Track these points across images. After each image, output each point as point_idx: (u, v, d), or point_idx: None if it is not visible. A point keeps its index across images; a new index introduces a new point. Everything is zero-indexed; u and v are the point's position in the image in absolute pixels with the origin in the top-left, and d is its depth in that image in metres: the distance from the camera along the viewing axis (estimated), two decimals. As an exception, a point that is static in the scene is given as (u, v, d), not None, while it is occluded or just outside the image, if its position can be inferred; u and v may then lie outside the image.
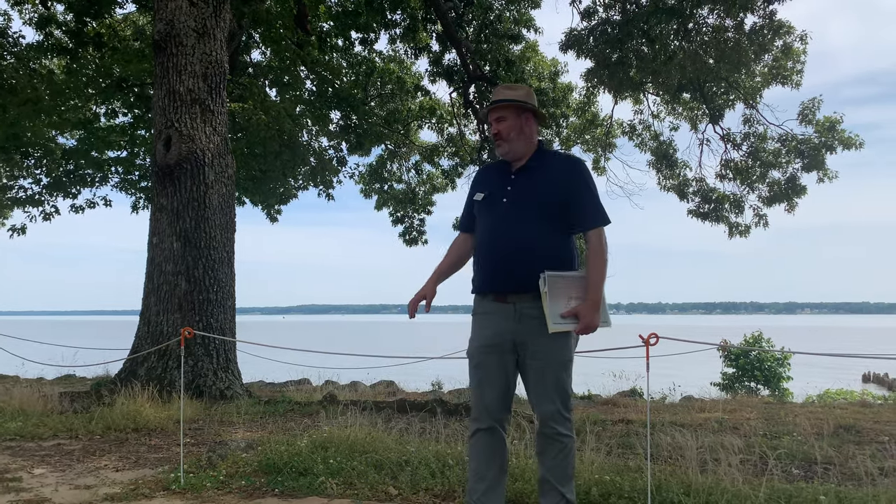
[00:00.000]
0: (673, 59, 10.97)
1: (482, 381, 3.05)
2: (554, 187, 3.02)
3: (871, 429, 6.09)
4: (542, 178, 3.06)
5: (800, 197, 14.11)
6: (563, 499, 2.96)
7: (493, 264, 3.04)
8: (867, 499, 3.36)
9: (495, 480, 3.03)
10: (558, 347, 2.96)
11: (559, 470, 2.97)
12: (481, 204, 3.15)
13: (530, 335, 2.95)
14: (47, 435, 5.58)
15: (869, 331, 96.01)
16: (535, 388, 2.97)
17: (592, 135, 16.58)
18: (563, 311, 2.90)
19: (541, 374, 2.95)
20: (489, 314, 3.05)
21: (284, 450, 4.42)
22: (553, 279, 2.91)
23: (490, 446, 3.04)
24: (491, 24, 14.36)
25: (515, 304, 2.97)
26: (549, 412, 2.94)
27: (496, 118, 3.13)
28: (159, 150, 8.04)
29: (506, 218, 3.03)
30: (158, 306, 7.88)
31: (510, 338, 2.99)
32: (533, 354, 2.96)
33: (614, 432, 5.81)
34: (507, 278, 2.98)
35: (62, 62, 14.06)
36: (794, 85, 13.41)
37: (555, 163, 3.13)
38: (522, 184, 3.07)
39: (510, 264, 2.98)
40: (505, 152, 3.13)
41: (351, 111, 15.59)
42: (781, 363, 16.49)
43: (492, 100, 3.19)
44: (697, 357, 9.00)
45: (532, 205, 3.01)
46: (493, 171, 3.25)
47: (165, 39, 8.09)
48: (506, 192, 3.08)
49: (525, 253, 2.96)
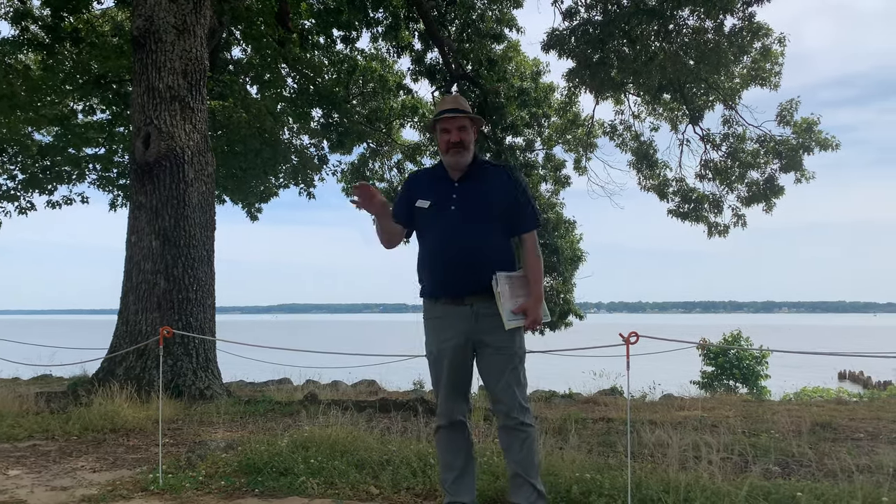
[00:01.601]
0: (653, 60, 11.05)
1: (444, 382, 3.21)
2: (499, 194, 3.20)
3: (846, 426, 6.17)
4: (486, 185, 3.22)
5: (778, 197, 14.27)
6: (535, 490, 3.11)
7: (447, 269, 3.16)
8: (843, 495, 3.40)
9: (463, 469, 3.24)
10: (515, 342, 3.16)
11: (527, 461, 3.12)
12: (427, 212, 3.25)
13: (488, 333, 3.12)
14: (23, 436, 5.50)
15: (845, 329, 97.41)
16: (497, 382, 3.14)
17: (574, 135, 16.65)
18: (513, 308, 3.10)
19: (501, 368, 3.13)
20: (444, 317, 3.20)
21: (265, 450, 4.39)
22: (503, 279, 3.10)
23: (454, 440, 3.25)
24: (473, 23, 14.36)
25: (472, 305, 3.14)
26: (512, 403, 3.11)
27: (459, 126, 3.22)
28: (138, 147, 7.95)
29: (456, 225, 3.17)
30: (137, 305, 7.79)
31: (467, 337, 3.15)
32: (494, 350, 3.13)
33: (595, 430, 5.83)
34: (465, 281, 3.14)
35: (38, 57, 13.83)
36: (773, 86, 13.57)
37: (493, 171, 3.28)
38: (468, 192, 3.22)
39: (466, 268, 3.13)
40: (458, 161, 3.24)
41: (332, 109, 15.54)
42: (759, 361, 16.70)
43: (448, 108, 3.25)
44: (677, 356, 9.07)
45: (482, 211, 3.17)
46: (431, 180, 3.34)
47: (144, 35, 8.00)
48: (452, 201, 3.22)
49: (480, 256, 3.13)
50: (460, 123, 3.22)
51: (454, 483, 3.21)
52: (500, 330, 3.10)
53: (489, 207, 3.17)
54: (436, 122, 3.27)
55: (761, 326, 67.76)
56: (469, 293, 3.13)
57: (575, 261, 16.09)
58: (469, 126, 3.24)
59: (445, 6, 14.09)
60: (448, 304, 3.18)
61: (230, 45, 15.00)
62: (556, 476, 3.69)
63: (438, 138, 3.28)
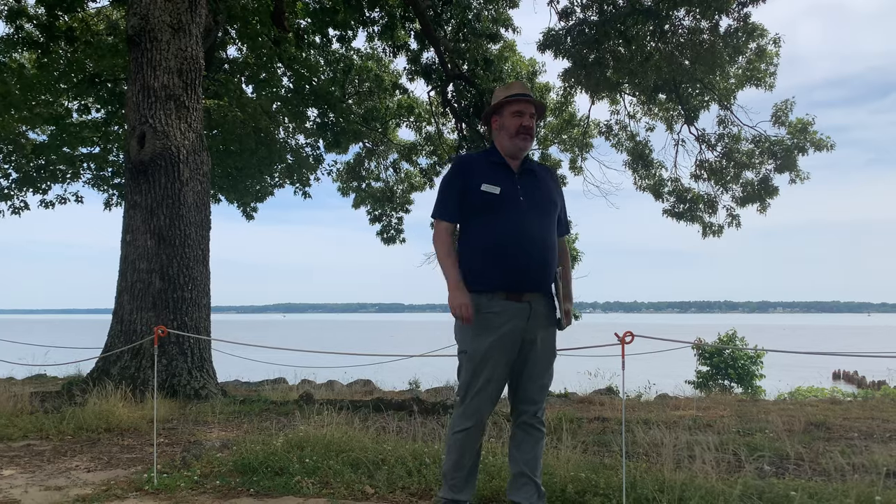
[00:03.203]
0: (649, 60, 11.07)
1: (490, 379, 3.02)
2: (555, 193, 3.21)
3: (840, 425, 6.20)
4: (544, 183, 3.19)
5: (772, 197, 14.32)
6: (537, 490, 3.12)
7: (518, 263, 3.00)
8: (837, 494, 3.41)
9: (472, 468, 3.19)
10: (554, 341, 3.19)
11: (535, 461, 3.13)
12: (495, 198, 3.05)
13: (539, 331, 3.07)
14: (17, 435, 5.48)
15: (839, 329, 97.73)
16: (536, 382, 3.11)
17: (569, 135, 16.68)
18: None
19: (544, 368, 3.12)
20: (502, 312, 3.00)
21: (260, 449, 4.39)
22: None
23: (476, 441, 3.14)
24: (469, 22, 14.36)
25: (531, 303, 3.05)
26: (542, 404, 3.15)
27: (531, 113, 3.15)
28: (133, 146, 7.93)
29: (529, 218, 3.04)
30: (132, 304, 7.78)
31: (521, 335, 3.03)
32: (542, 350, 3.10)
33: (590, 430, 5.85)
34: (534, 277, 3.04)
35: (33, 56, 13.79)
36: (768, 87, 13.62)
37: (543, 170, 3.30)
38: (530, 185, 3.13)
39: (539, 264, 3.04)
40: (525, 148, 3.16)
41: (328, 109, 15.52)
42: (754, 361, 16.74)
43: (520, 92, 3.18)
44: (672, 355, 9.09)
45: (549, 208, 3.15)
46: (491, 166, 3.15)
47: (139, 34, 7.98)
48: (518, 192, 3.08)
49: (550, 254, 3.09)
50: (531, 111, 3.16)
51: (462, 481, 3.15)
52: (552, 329, 3.12)
53: (554, 206, 3.17)
54: (506, 103, 3.14)
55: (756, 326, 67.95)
56: (533, 289, 3.04)
57: (570, 261, 16.10)
58: (533, 113, 3.19)
59: (441, 6, 14.10)
60: (505, 300, 3.00)
61: (226, 44, 14.98)
62: (552, 475, 3.69)
63: (507, 122, 3.13)
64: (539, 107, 3.23)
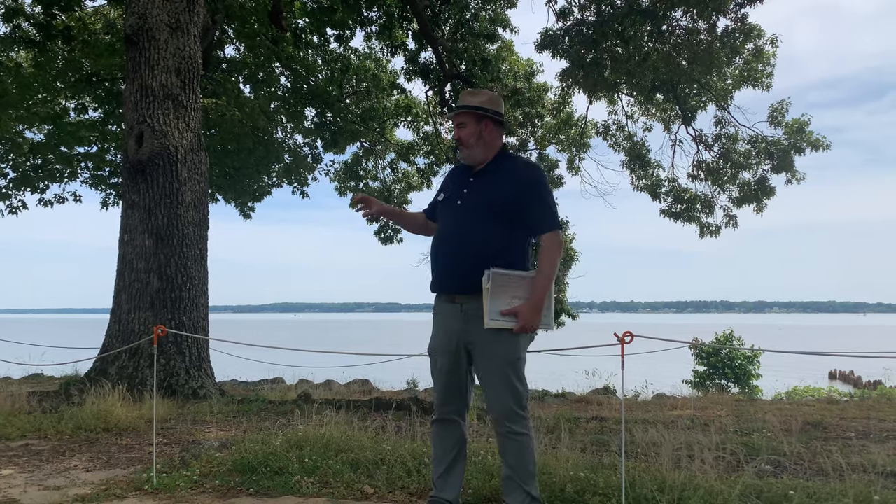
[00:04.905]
0: (647, 61, 11.09)
1: (437, 379, 3.22)
2: (507, 189, 3.09)
3: (837, 425, 6.22)
4: (496, 180, 3.14)
5: (769, 198, 14.33)
6: (527, 496, 3.05)
7: (442, 265, 3.15)
8: (835, 493, 3.43)
9: (452, 464, 3.23)
10: (504, 346, 3.01)
11: (521, 468, 3.04)
12: (441, 205, 3.28)
13: (476, 335, 3.03)
14: (15, 435, 5.47)
15: (835, 329, 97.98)
16: (486, 388, 3.07)
17: (567, 135, 16.67)
18: (503, 308, 2.96)
19: (490, 373, 3.04)
20: (442, 315, 3.18)
21: (259, 449, 4.39)
22: (497, 276, 2.96)
23: (446, 436, 3.24)
24: (467, 22, 14.36)
25: (462, 305, 3.08)
26: (503, 411, 3.03)
27: (458, 124, 3.23)
28: (131, 145, 7.93)
29: (457, 219, 3.15)
30: (130, 304, 7.77)
31: (458, 338, 3.09)
32: (480, 354, 3.06)
33: (588, 429, 5.86)
34: (454, 278, 3.10)
35: (30, 55, 13.76)
36: (765, 87, 13.64)
37: (512, 166, 3.20)
38: (477, 187, 3.17)
39: (457, 264, 3.08)
40: (465, 157, 3.25)
41: (326, 108, 15.51)
42: (751, 361, 16.78)
43: (455, 105, 3.30)
44: (669, 355, 9.11)
45: (482, 206, 3.09)
46: (457, 174, 3.36)
47: (137, 34, 7.97)
48: (461, 195, 3.19)
49: (472, 253, 3.04)
50: (458, 120, 3.23)
51: (440, 478, 3.22)
52: (489, 332, 2.97)
53: (490, 202, 3.07)
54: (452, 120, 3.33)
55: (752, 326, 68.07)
56: (458, 290, 3.08)
57: (568, 261, 16.10)
58: (472, 122, 3.18)
59: (439, 6, 14.09)
60: (444, 302, 3.16)
61: (223, 43, 14.96)
62: (550, 475, 3.70)
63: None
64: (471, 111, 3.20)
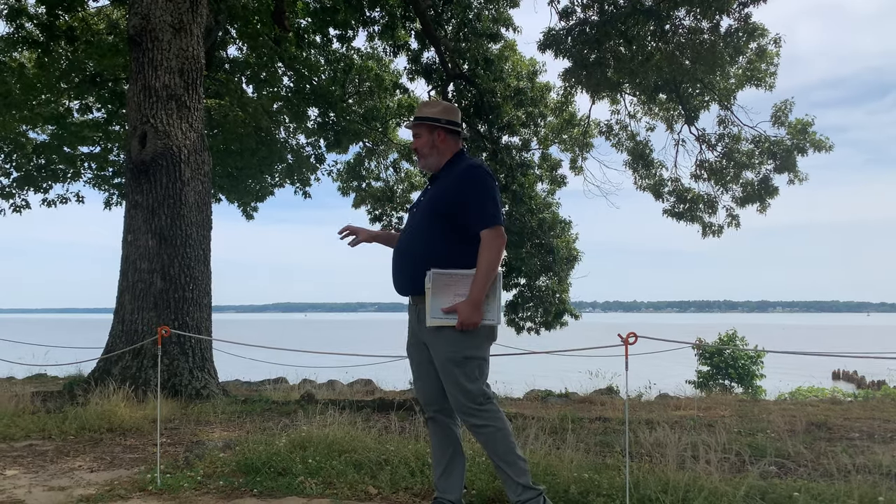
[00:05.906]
0: (650, 60, 11.08)
1: (414, 379, 3.37)
2: (445, 193, 3.19)
3: (841, 425, 6.20)
4: (443, 184, 3.24)
5: (772, 197, 14.32)
6: (519, 486, 3.07)
7: (396, 269, 3.32)
8: (839, 494, 3.42)
9: (450, 464, 3.28)
10: (447, 344, 3.08)
11: (499, 458, 3.11)
12: (408, 214, 3.50)
13: (425, 334, 3.17)
14: (19, 435, 5.48)
15: (839, 329, 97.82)
16: (446, 386, 3.16)
17: (570, 134, 16.66)
18: (444, 306, 3.05)
19: (441, 371, 3.15)
20: (409, 316, 3.34)
21: (263, 449, 4.39)
22: (438, 276, 3.06)
23: (438, 433, 3.32)
24: (469, 22, 14.36)
25: (417, 306, 3.23)
26: (456, 407, 3.14)
27: (413, 135, 3.36)
28: (134, 146, 7.94)
29: (411, 225, 3.31)
30: (133, 304, 7.78)
31: (417, 338, 3.27)
32: (432, 353, 3.17)
33: (592, 430, 5.85)
34: (406, 282, 3.25)
35: (33, 56, 13.78)
36: (768, 87, 13.62)
37: (455, 169, 3.24)
38: (430, 193, 3.31)
39: (406, 268, 3.23)
40: (422, 166, 3.40)
41: (329, 108, 15.51)
42: (755, 361, 16.76)
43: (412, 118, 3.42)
44: (673, 355, 9.10)
45: (429, 210, 3.22)
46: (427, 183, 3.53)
47: (141, 34, 7.98)
48: (419, 203, 3.37)
49: (417, 255, 3.18)
50: (414, 131, 3.36)
51: (441, 479, 3.27)
52: (433, 331, 3.08)
53: (434, 205, 3.20)
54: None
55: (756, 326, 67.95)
56: (412, 292, 3.24)
57: (570, 260, 16.11)
58: (425, 132, 3.29)
59: (442, 5, 14.10)
60: (409, 304, 3.31)
61: (226, 43, 14.97)
62: (555, 476, 3.70)
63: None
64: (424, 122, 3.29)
